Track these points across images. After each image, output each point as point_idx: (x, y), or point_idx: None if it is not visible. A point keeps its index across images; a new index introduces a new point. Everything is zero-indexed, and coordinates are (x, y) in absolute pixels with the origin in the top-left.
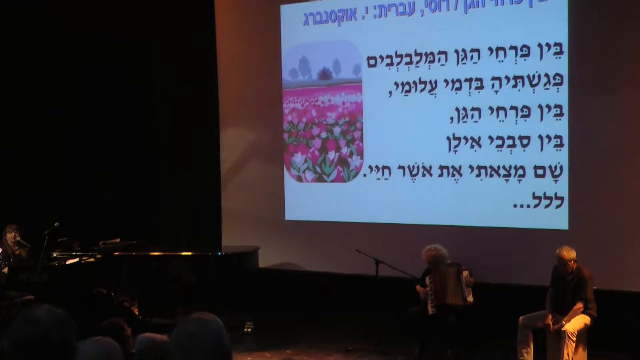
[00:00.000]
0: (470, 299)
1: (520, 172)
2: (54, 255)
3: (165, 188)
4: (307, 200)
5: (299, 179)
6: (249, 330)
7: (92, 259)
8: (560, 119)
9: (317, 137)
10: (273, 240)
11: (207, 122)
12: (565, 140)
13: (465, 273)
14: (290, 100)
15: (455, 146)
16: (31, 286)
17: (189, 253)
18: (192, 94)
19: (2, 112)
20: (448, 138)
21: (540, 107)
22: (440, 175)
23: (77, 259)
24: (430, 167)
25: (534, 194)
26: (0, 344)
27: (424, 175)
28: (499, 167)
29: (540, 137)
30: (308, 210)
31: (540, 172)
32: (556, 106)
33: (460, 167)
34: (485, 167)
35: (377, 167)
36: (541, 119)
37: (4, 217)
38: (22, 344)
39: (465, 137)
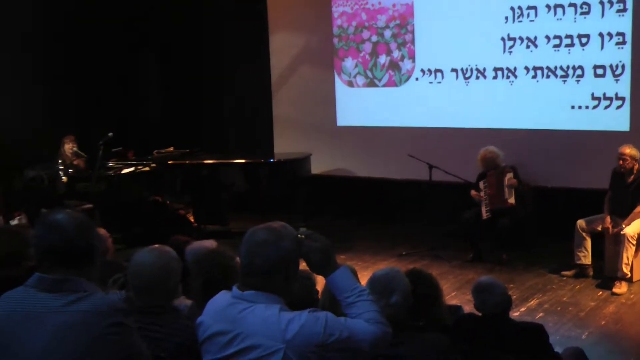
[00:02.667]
0: (511, 200)
1: (578, 72)
2: (110, 164)
3: (216, 96)
4: (359, 105)
5: (350, 84)
6: (303, 237)
7: (146, 168)
8: (623, 15)
9: (368, 40)
10: (325, 146)
11: (257, 28)
12: (628, 38)
13: (508, 175)
14: (340, 3)
15: (510, 47)
16: (89, 195)
17: (242, 161)
18: None
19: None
20: (502, 39)
21: (601, 2)
22: (495, 77)
23: (132, 168)
24: (484, 69)
25: (593, 94)
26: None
27: (477, 77)
28: (556, 67)
29: (600, 34)
30: (360, 116)
31: (600, 71)
32: (619, 1)
33: (515, 68)
34: (541, 68)
35: (429, 70)
36: (602, 15)
37: (61, 128)
38: (46, 251)
39: (520, 37)
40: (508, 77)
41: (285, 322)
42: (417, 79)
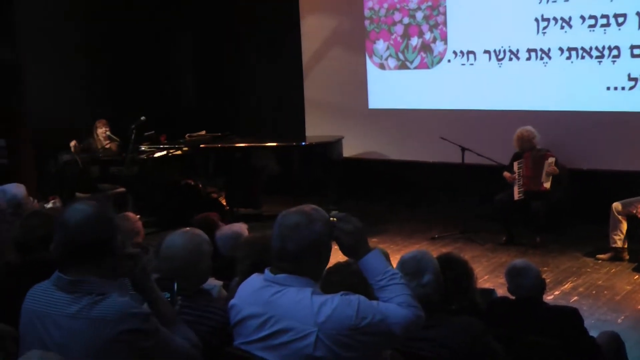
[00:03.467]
0: (547, 185)
1: (614, 52)
2: (142, 148)
3: (248, 80)
4: (391, 88)
5: (382, 66)
6: (334, 220)
7: (179, 152)
8: None
9: (399, 22)
10: (357, 129)
11: (288, 11)
12: None
13: (550, 160)
14: None
15: (544, 27)
16: (121, 179)
17: (274, 144)
18: None
19: (84, 9)
20: (536, 19)
21: None
22: (528, 58)
23: (164, 152)
24: (518, 50)
25: (629, 75)
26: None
27: (510, 59)
28: (591, 48)
29: (638, 14)
30: (391, 98)
31: (637, 51)
32: None
33: (549, 49)
34: (576, 49)
35: (461, 52)
36: None
37: (95, 112)
38: (58, 248)
39: (554, 18)
40: (542, 58)
41: (317, 305)
42: (449, 61)
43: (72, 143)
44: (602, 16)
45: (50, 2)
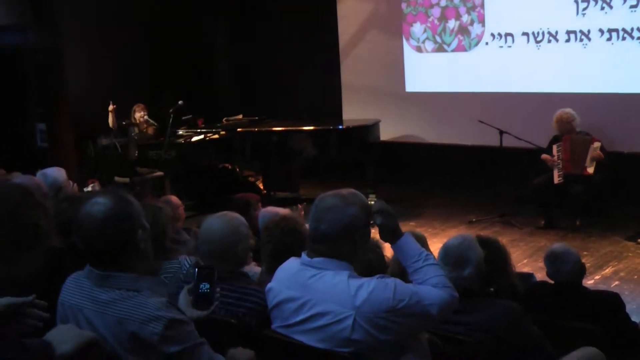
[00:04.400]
0: (590, 170)
1: None
2: (180, 132)
3: (284, 63)
4: (428, 70)
5: (419, 49)
6: (372, 203)
7: (216, 136)
8: None
9: (436, 5)
10: (394, 112)
11: None
12: None
13: (596, 144)
14: None
15: (584, 8)
16: (160, 163)
17: (311, 127)
18: None
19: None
20: (575, 0)
21: None
22: (567, 40)
23: (202, 136)
24: (557, 32)
25: None
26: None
27: (549, 41)
28: (632, 29)
29: None
30: (429, 81)
31: None
32: None
33: (589, 31)
34: (616, 30)
35: (499, 34)
36: None
37: (133, 96)
38: (78, 243)
39: None
40: (581, 40)
41: (354, 289)
42: (486, 43)
43: (111, 108)
44: None
45: None
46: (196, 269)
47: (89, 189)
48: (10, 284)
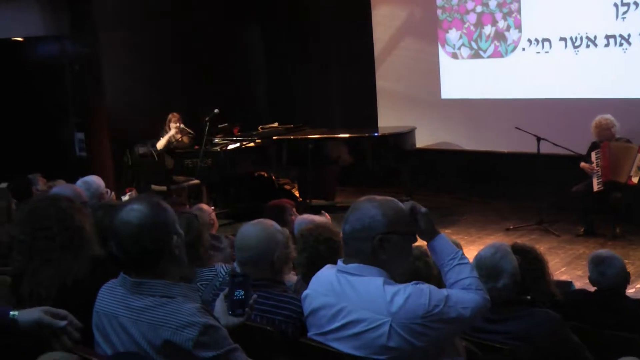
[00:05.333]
0: (635, 180)
1: None
2: (216, 140)
3: (319, 71)
4: (463, 77)
5: (455, 55)
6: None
7: (252, 144)
8: None
9: (472, 11)
10: (429, 119)
11: (360, 1)
12: None
13: None
14: None
15: (624, 12)
16: (195, 171)
17: (346, 135)
18: None
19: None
20: (615, 4)
21: None
22: (607, 45)
23: (237, 144)
24: (595, 37)
25: None
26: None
27: (587, 46)
28: None
29: None
30: (464, 88)
31: None
32: None
33: (629, 35)
34: None
35: (536, 39)
36: None
37: (169, 105)
38: (114, 251)
39: (635, 2)
40: (621, 44)
41: (390, 295)
42: (523, 49)
43: (174, 123)
44: None
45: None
46: (230, 277)
47: (127, 197)
48: (58, 288)
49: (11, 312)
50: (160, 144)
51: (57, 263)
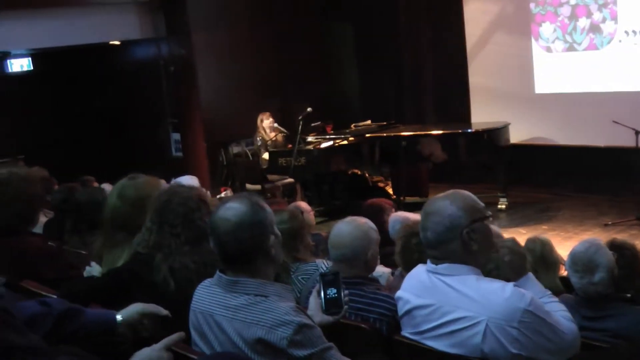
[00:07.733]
0: None
1: None
2: (309, 139)
3: (412, 67)
4: (558, 71)
5: (549, 49)
6: (503, 207)
7: (345, 142)
8: None
9: (566, 3)
10: (523, 114)
11: None
12: None
13: None
14: None
15: None
16: (290, 169)
17: (440, 131)
18: None
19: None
20: None
21: None
22: None
23: (331, 142)
24: None
25: None
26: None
27: None
28: None
29: None
30: (559, 82)
31: None
32: None
33: None
34: None
35: (633, 31)
36: None
37: (263, 104)
38: (213, 248)
39: None
40: None
41: (486, 293)
42: (620, 41)
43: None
44: None
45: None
46: (320, 277)
47: (222, 196)
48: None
49: (117, 316)
50: (264, 158)
51: (189, 253)
